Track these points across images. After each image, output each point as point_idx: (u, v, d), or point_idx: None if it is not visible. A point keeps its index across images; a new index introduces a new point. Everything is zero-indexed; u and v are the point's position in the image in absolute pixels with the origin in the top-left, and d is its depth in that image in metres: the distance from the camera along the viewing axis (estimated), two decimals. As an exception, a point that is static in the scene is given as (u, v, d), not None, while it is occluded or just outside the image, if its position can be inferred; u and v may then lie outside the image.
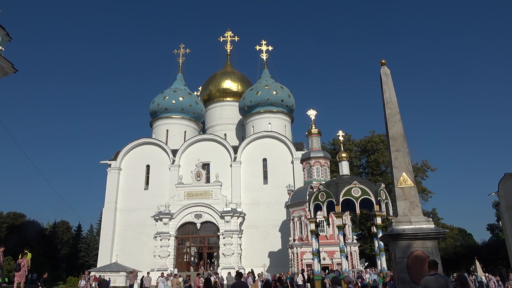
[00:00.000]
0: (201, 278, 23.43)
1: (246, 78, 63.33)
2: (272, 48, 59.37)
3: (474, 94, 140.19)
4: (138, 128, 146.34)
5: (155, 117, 54.87)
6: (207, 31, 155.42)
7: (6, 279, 23.66)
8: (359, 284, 21.84)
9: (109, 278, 33.09)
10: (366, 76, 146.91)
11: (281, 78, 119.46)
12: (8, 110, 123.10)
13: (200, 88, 65.18)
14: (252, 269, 31.12)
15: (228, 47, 65.47)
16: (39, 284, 21.85)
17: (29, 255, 18.73)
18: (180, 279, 27.26)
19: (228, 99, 60.39)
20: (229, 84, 61.10)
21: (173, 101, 53.83)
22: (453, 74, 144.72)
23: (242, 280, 12.58)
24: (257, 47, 58.95)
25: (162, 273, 22.94)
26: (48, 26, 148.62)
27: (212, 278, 22.73)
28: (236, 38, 65.29)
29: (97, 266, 43.88)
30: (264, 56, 58.29)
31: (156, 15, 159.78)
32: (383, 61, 12.90)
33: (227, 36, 65.33)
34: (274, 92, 53.16)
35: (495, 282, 20.22)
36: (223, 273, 32.88)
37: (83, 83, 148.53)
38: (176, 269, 37.32)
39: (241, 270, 32.54)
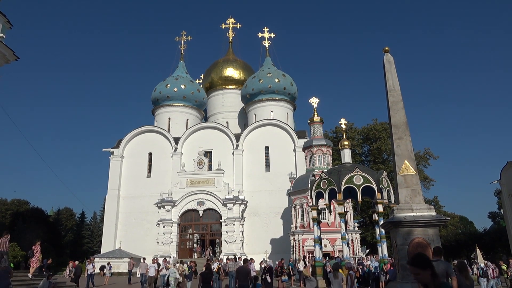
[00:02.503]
0: (214, 263, 23.73)
1: (248, 66, 63.05)
2: (274, 35, 59.04)
3: (477, 82, 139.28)
4: (140, 116, 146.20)
5: (157, 105, 54.85)
6: (209, 18, 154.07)
7: (12, 265, 24.05)
8: (360, 271, 22.06)
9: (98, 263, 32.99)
10: (369, 64, 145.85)
11: (284, 65, 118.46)
12: (10, 98, 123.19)
13: (202, 76, 64.97)
14: (235, 255, 31.42)
15: (230, 34, 65.03)
16: (43, 270, 22.16)
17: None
18: (180, 265, 27.37)
19: (230, 87, 60.21)
20: (231, 72, 60.85)
21: (175, 89, 53.73)
22: (456, 63, 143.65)
23: (246, 265, 13.60)
24: (259, 35, 58.59)
25: (155, 259, 23.07)
26: (49, 14, 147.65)
27: (216, 264, 22.96)
28: (238, 25, 64.88)
29: (101, 253, 44.47)
30: (266, 43, 57.93)
31: (157, 2, 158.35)
32: (387, 48, 12.78)
33: (229, 23, 64.83)
34: (277, 80, 52.96)
35: (493, 269, 20.34)
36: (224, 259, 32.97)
37: (85, 71, 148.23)
38: (171, 257, 37.41)
39: (243, 257, 32.93)
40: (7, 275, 13.60)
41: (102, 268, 37.53)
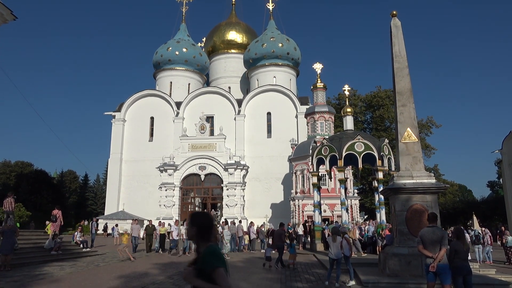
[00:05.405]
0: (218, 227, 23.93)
1: (252, 30, 61.67)
2: (278, -3, 57.25)
3: (481, 51, 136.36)
4: (142, 80, 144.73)
5: (159, 68, 54.17)
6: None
7: (18, 225, 24.71)
8: (358, 235, 22.48)
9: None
10: (374, 30, 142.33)
11: (287, 30, 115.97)
12: (11, 60, 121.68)
13: (204, 39, 63.69)
14: (226, 219, 30.20)
15: (233, -4, 63.14)
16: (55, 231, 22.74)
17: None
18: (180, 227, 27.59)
19: (233, 51, 59.16)
20: (234, 36, 59.59)
21: (177, 52, 52.87)
22: (461, 31, 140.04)
23: (280, 228, 15.83)
24: (263, -4, 56.86)
25: (177, 221, 23.30)
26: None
27: (220, 228, 23.34)
28: (241, -14, 62.92)
29: (105, 214, 45.51)
30: (270, 6, 56.40)
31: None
32: (394, 12, 12.43)
33: (232, -17, 62.80)
34: (280, 45, 51.96)
35: (491, 236, 20.73)
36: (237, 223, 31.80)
37: (86, 33, 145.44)
38: (164, 220, 37.62)
39: (243, 221, 33.63)
40: (13, 234, 14.00)
41: (105, 228, 38.60)
